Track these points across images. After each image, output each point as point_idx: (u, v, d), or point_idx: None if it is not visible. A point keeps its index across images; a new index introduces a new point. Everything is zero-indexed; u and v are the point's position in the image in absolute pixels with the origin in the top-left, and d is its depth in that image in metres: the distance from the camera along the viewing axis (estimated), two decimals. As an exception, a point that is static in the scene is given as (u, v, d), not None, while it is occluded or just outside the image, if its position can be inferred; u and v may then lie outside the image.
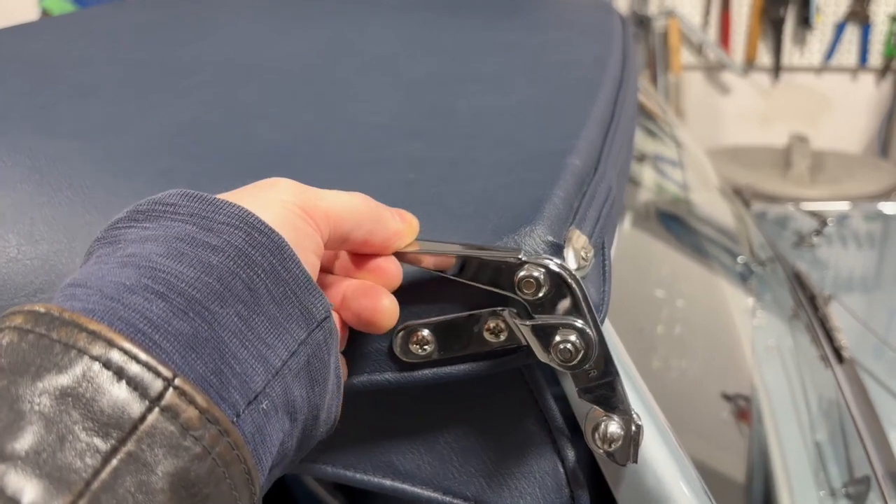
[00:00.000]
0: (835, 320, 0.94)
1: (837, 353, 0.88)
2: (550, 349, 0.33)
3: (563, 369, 0.33)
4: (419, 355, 0.35)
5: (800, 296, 1.03)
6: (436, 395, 0.39)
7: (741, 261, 1.12)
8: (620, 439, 0.35)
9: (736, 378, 0.82)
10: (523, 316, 0.34)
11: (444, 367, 0.36)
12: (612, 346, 0.35)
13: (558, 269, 0.33)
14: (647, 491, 0.40)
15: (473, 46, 0.75)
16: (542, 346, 0.33)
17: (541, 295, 0.33)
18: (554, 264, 0.33)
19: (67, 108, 0.53)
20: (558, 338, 0.33)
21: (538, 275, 0.32)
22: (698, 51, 2.63)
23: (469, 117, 0.53)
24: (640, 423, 0.36)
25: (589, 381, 0.35)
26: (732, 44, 2.58)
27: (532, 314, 0.33)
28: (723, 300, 0.96)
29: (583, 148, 0.46)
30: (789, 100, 2.63)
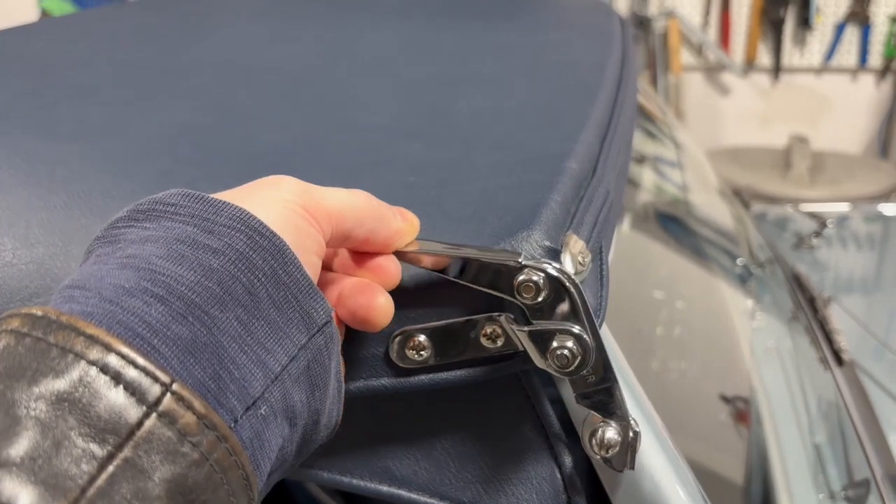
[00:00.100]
0: (834, 322, 0.94)
1: (837, 355, 0.88)
2: (547, 355, 0.33)
3: (560, 375, 0.33)
4: (416, 361, 0.35)
5: (799, 297, 1.03)
6: (432, 400, 0.39)
7: (740, 262, 1.11)
8: (618, 445, 0.35)
9: (735, 380, 0.82)
10: (520, 321, 0.34)
11: (440, 372, 0.36)
12: (610, 351, 0.35)
13: (557, 274, 0.32)
14: (644, 497, 0.39)
15: (473, 48, 0.75)
16: (539, 352, 0.33)
17: (540, 299, 0.33)
18: (553, 268, 0.33)
19: (67, 109, 0.53)
20: (555, 343, 0.33)
21: (537, 279, 0.32)
22: (698, 51, 2.63)
23: (468, 119, 0.53)
24: (637, 430, 0.35)
25: (587, 387, 0.35)
26: (732, 44, 2.58)
27: (530, 319, 0.33)
28: (722, 302, 0.96)
29: (581, 151, 0.46)
30: (789, 100, 2.63)
